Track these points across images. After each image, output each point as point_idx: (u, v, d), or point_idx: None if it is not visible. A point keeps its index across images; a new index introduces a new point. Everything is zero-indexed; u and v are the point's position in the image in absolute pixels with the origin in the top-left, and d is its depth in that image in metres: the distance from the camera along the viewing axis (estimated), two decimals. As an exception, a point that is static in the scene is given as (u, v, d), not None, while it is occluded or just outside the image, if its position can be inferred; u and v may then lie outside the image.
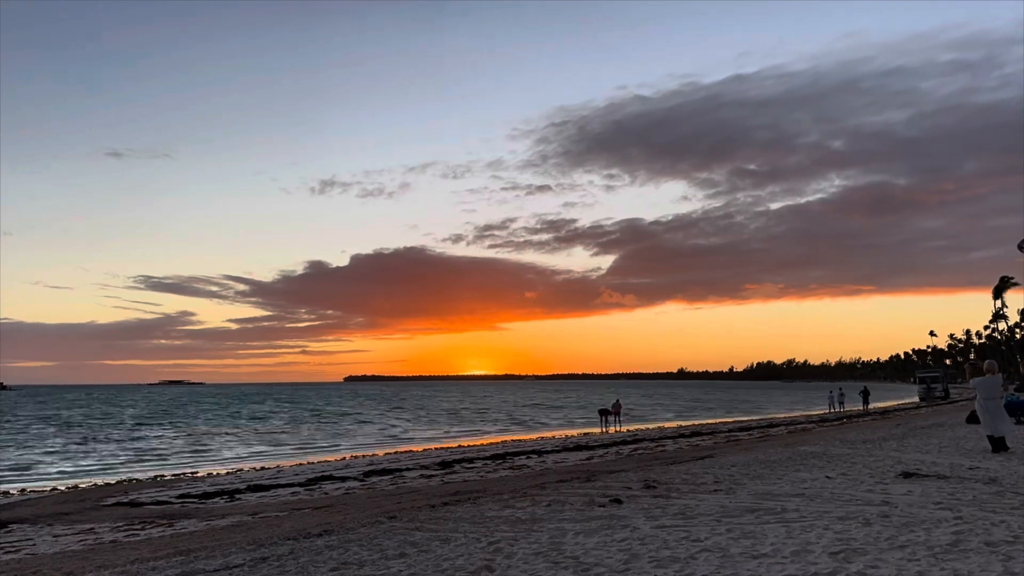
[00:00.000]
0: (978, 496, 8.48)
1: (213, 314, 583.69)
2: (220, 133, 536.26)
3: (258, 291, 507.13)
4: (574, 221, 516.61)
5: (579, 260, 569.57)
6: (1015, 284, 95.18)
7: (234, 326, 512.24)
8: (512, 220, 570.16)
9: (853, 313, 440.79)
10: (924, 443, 16.33)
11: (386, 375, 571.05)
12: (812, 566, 5.42)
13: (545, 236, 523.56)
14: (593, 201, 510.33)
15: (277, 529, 9.32)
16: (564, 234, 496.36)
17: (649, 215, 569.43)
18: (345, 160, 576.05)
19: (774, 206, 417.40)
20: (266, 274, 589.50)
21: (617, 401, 38.90)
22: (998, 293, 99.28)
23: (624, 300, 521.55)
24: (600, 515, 8.19)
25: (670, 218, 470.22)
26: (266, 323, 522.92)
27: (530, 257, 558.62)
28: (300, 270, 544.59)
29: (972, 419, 24.09)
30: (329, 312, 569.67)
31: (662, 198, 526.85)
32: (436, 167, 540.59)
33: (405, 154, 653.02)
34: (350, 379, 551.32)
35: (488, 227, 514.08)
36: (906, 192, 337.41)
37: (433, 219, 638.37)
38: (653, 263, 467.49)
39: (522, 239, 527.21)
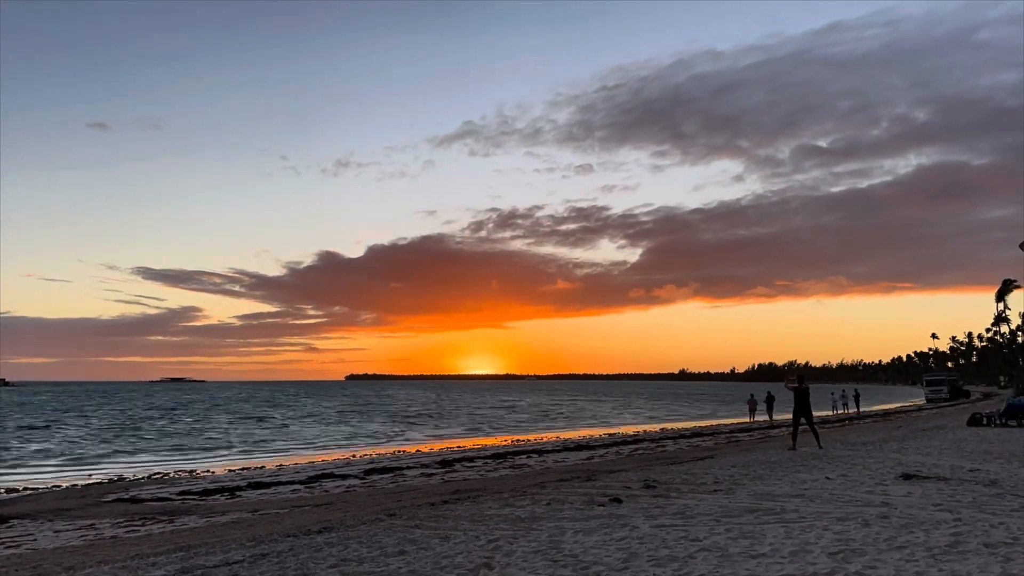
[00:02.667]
0: (978, 498, 8.48)
1: (218, 309, 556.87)
2: (219, 105, 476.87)
3: (264, 285, 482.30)
4: (606, 209, 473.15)
5: (604, 253, 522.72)
6: (1018, 287, 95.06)
7: (238, 322, 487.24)
8: (539, 207, 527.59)
9: (882, 312, 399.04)
10: (925, 445, 16.33)
11: (387, 374, 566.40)
12: (811, 566, 5.43)
13: (572, 226, 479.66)
14: (635, 183, 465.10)
15: (277, 526, 9.34)
16: (593, 224, 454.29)
17: (692, 201, 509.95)
18: (363, 135, 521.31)
19: (835, 190, 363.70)
20: (273, 265, 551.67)
21: (753, 396, 42.21)
22: (1001, 296, 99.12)
23: (642, 297, 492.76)
24: (600, 514, 8.20)
25: (714, 205, 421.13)
26: (271, 319, 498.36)
27: (552, 249, 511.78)
28: (309, 261, 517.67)
29: (973, 422, 24.09)
30: (336, 308, 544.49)
31: (712, 180, 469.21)
32: (464, 141, 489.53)
33: (431, 125, 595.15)
34: (351, 378, 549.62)
35: (512, 215, 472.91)
36: (980, 175, 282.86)
37: (455, 204, 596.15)
38: (682, 257, 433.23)
39: (547, 228, 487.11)
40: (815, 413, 19.16)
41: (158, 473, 19.71)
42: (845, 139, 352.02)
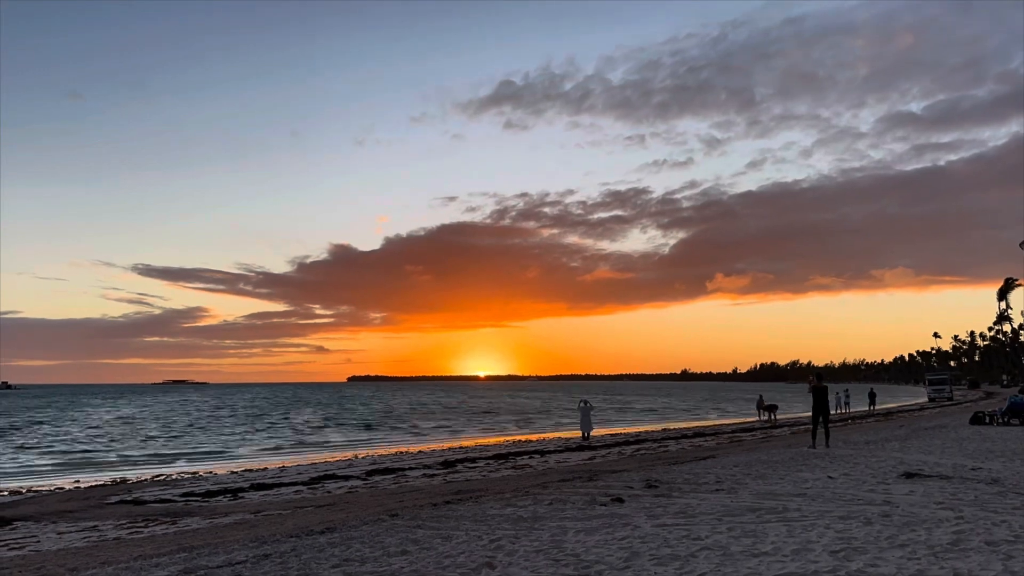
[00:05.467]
0: (980, 496, 8.49)
1: (222, 309, 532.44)
2: (215, 71, 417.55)
3: (271, 282, 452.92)
4: (646, 192, 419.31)
5: (633, 243, 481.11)
6: (1019, 285, 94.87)
7: (243, 322, 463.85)
8: (572, 192, 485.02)
9: (910, 308, 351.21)
10: (927, 444, 16.32)
11: (388, 375, 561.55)
12: (812, 564, 5.44)
13: (604, 214, 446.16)
14: (686, 159, 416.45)
15: (280, 527, 9.35)
16: (628, 211, 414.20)
17: (745, 182, 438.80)
18: (385, 104, 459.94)
19: (909, 169, 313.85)
20: (280, 260, 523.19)
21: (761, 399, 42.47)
22: (1003, 295, 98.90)
23: (662, 294, 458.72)
24: (601, 514, 8.20)
25: (768, 186, 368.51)
26: (277, 319, 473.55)
27: (578, 239, 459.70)
28: (320, 255, 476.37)
29: (976, 420, 24.06)
30: (344, 308, 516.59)
31: (775, 156, 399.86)
32: (500, 109, 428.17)
33: (464, 88, 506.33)
34: (352, 379, 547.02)
35: (541, 202, 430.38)
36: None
37: (480, 188, 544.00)
38: (714, 250, 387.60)
39: (577, 217, 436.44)
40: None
41: (161, 475, 19.74)
42: (945, 104, 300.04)
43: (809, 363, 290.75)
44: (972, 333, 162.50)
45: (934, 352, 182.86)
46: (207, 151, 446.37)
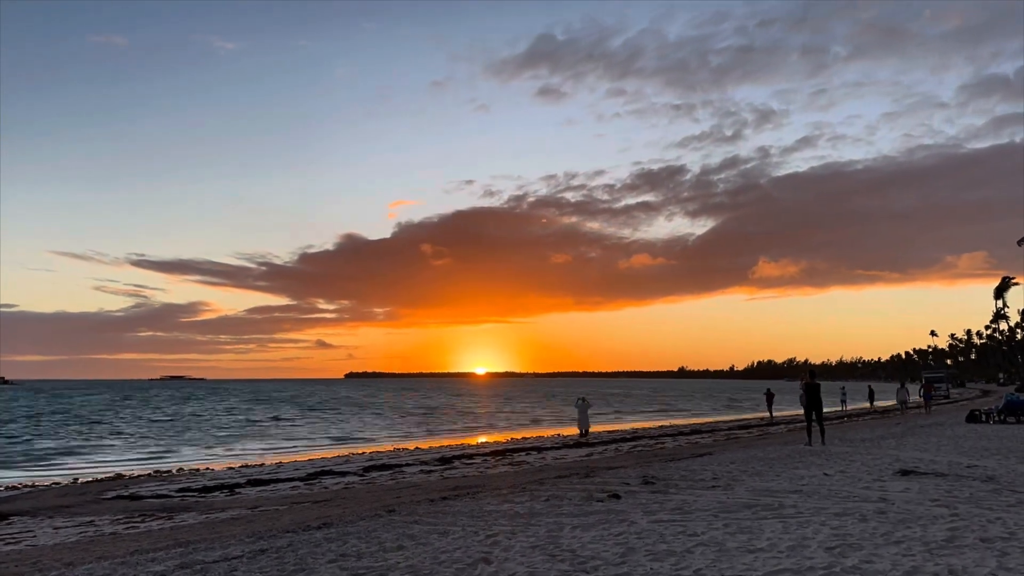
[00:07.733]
0: (975, 494, 8.51)
1: (222, 303, 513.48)
2: (207, 28, 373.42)
3: (273, 275, 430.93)
4: (682, 173, 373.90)
5: (657, 231, 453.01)
6: (1016, 283, 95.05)
7: (244, 317, 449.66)
8: (601, 172, 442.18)
9: (944, 302, 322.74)
10: (923, 442, 16.36)
11: (386, 372, 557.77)
12: (808, 560, 5.45)
13: (631, 200, 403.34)
14: (734, 133, 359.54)
15: (276, 522, 9.36)
16: (657, 196, 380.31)
17: (793, 161, 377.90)
18: (402, 63, 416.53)
19: (982, 146, 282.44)
20: (284, 250, 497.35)
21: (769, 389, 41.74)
22: (999, 293, 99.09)
23: (677, 289, 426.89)
24: (598, 510, 8.21)
25: (818, 167, 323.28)
26: (277, 313, 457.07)
27: (599, 226, 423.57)
28: (321, 244, 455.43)
29: (971, 418, 24.13)
30: (347, 302, 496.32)
31: (833, 132, 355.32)
32: (536, 72, 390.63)
33: (496, 42, 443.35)
34: (351, 376, 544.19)
35: (567, 185, 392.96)
36: None
37: (502, 169, 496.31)
38: (743, 240, 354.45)
39: (602, 201, 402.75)
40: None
41: (158, 470, 19.73)
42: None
43: (806, 361, 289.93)
44: (968, 331, 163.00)
45: (931, 350, 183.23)
46: (204, 132, 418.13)
